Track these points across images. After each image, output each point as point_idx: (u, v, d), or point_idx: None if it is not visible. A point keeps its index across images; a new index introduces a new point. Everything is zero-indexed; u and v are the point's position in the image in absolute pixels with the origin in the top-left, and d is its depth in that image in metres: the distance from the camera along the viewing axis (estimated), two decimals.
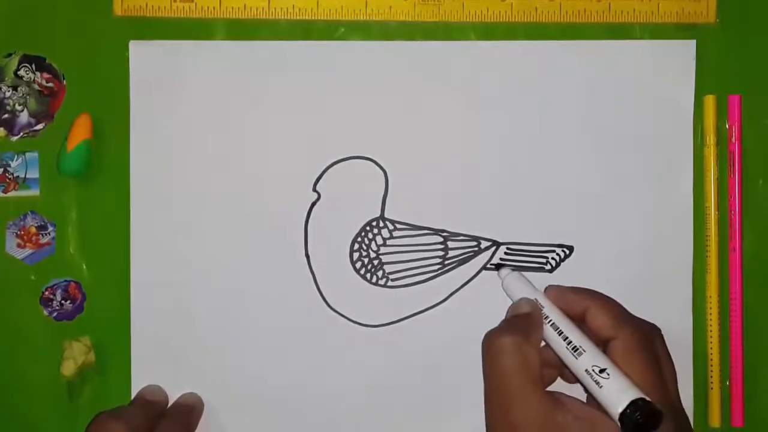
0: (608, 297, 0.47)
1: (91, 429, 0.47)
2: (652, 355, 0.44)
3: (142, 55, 0.52)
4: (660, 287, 0.52)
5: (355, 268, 0.52)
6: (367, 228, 0.52)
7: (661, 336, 0.47)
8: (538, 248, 0.52)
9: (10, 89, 0.52)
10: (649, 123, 0.52)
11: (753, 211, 0.53)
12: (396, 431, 0.52)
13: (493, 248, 0.52)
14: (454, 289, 0.52)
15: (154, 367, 0.52)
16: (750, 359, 0.52)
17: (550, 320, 0.46)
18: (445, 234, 0.52)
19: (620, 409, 0.41)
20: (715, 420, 0.52)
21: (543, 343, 0.47)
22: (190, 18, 0.53)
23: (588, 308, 0.46)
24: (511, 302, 0.49)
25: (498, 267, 0.51)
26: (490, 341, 0.45)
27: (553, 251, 0.52)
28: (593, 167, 0.52)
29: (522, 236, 0.52)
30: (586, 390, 0.45)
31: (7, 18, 0.53)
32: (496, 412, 0.44)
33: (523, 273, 0.50)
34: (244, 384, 0.52)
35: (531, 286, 0.49)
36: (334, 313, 0.52)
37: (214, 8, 0.52)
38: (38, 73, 0.53)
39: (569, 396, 0.44)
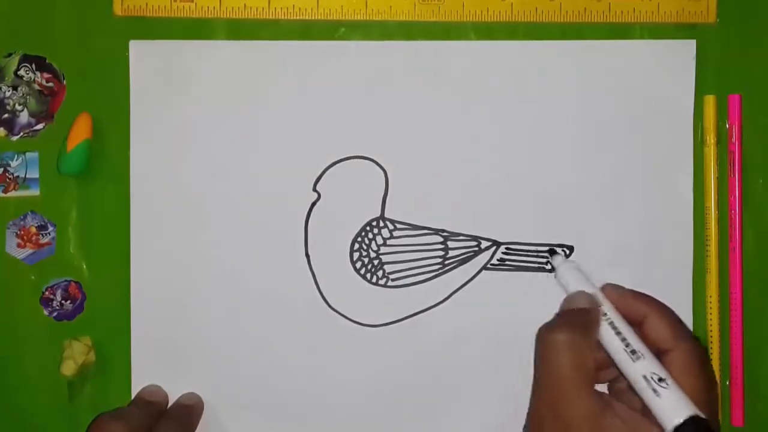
0: (667, 306, 0.46)
1: (91, 430, 0.47)
2: (707, 375, 0.43)
3: (142, 55, 0.52)
4: (660, 287, 0.52)
5: (355, 268, 0.52)
6: (367, 228, 0.52)
7: (710, 359, 0.47)
8: (538, 248, 0.52)
9: (10, 89, 0.52)
10: (649, 123, 0.52)
11: (753, 210, 0.53)
12: (396, 431, 0.52)
13: (493, 248, 0.52)
14: (454, 289, 0.52)
15: (154, 367, 0.52)
16: (750, 359, 0.52)
17: (609, 319, 0.45)
18: (445, 234, 0.52)
19: (677, 422, 0.40)
20: None
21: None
22: (190, 18, 0.53)
23: (647, 315, 0.45)
24: (564, 293, 0.48)
25: (551, 253, 0.49)
26: (546, 336, 0.44)
27: (553, 251, 0.52)
28: (593, 167, 0.52)
29: (522, 236, 0.52)
30: (636, 395, 0.43)
31: (7, 18, 0.53)
32: (543, 406, 0.44)
33: (578, 263, 0.48)
34: (244, 384, 0.52)
35: (587, 280, 0.47)
36: (334, 313, 0.52)
37: (214, 8, 0.52)
38: (38, 73, 0.53)
39: (616, 400, 0.44)
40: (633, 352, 0.43)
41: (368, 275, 0.52)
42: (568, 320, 0.45)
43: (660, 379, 0.42)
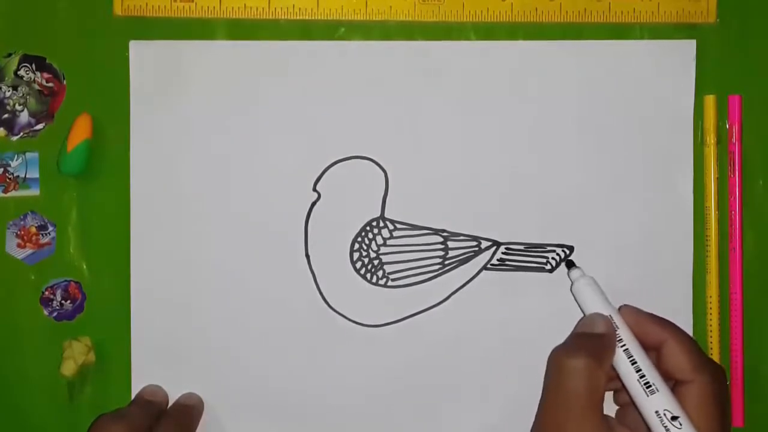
0: (686, 333, 0.45)
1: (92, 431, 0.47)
2: (723, 407, 0.43)
3: (142, 55, 0.52)
4: (660, 287, 0.52)
5: (355, 268, 0.52)
6: (367, 228, 0.52)
7: (726, 379, 0.46)
8: (538, 248, 0.52)
9: (10, 89, 0.52)
10: (649, 123, 0.52)
11: (753, 210, 0.53)
12: (396, 431, 0.52)
13: (494, 248, 0.52)
14: (454, 289, 0.52)
15: (154, 367, 0.52)
16: (750, 359, 0.52)
17: (624, 346, 0.44)
18: (445, 234, 0.52)
19: None
20: None
21: None
22: (190, 18, 0.53)
23: (665, 342, 0.44)
24: (578, 307, 0.48)
25: (569, 265, 0.49)
26: (560, 359, 0.44)
27: (553, 251, 0.52)
28: (593, 167, 0.52)
29: (522, 236, 0.52)
30: (643, 420, 0.43)
31: (7, 18, 0.53)
32: (550, 426, 0.43)
33: (595, 280, 0.48)
34: (244, 384, 0.52)
35: (605, 299, 0.46)
36: (334, 313, 0.52)
37: (214, 8, 0.52)
38: (38, 73, 0.53)
39: (621, 425, 0.44)
40: (647, 385, 0.43)
41: (368, 275, 0.52)
42: (583, 345, 0.44)
43: (673, 418, 0.42)
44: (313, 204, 0.52)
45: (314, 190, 0.52)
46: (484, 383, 0.52)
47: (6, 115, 0.52)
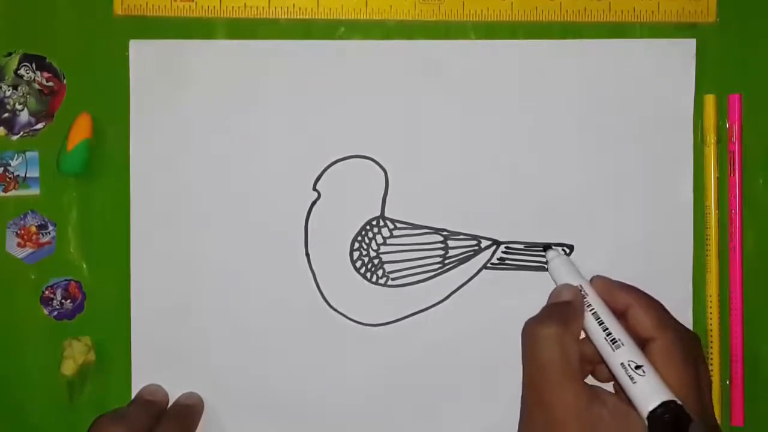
0: (652, 297, 0.47)
1: None
2: (691, 362, 0.44)
3: (142, 54, 0.52)
4: (660, 287, 0.52)
5: (355, 267, 0.52)
6: (367, 227, 0.52)
7: (701, 345, 0.47)
8: (538, 247, 0.52)
9: (11, 88, 0.52)
10: (649, 122, 0.52)
11: (753, 210, 0.53)
12: (396, 431, 0.52)
13: (494, 247, 0.52)
14: (454, 289, 0.52)
15: (154, 367, 0.52)
16: (750, 359, 0.52)
17: (592, 309, 0.46)
18: (445, 233, 0.52)
19: (650, 408, 0.41)
20: None
21: (582, 335, 0.46)
22: (190, 17, 0.53)
23: (631, 305, 0.46)
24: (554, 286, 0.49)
25: (546, 248, 0.51)
26: (529, 330, 0.45)
27: (549, 246, 0.52)
28: (593, 166, 0.52)
29: (522, 235, 0.52)
30: (618, 385, 0.44)
31: (7, 17, 0.53)
32: (533, 400, 0.45)
33: (570, 259, 0.50)
34: (244, 383, 0.52)
35: (577, 273, 0.48)
36: (334, 313, 0.52)
37: (214, 8, 0.52)
38: (38, 73, 0.53)
39: (606, 390, 0.45)
40: (613, 340, 0.44)
41: (368, 274, 0.52)
42: (551, 313, 0.47)
43: (637, 367, 0.43)
44: (313, 203, 0.52)
45: (314, 189, 0.52)
46: (484, 383, 0.52)
47: (6, 115, 0.52)
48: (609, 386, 0.47)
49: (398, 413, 0.52)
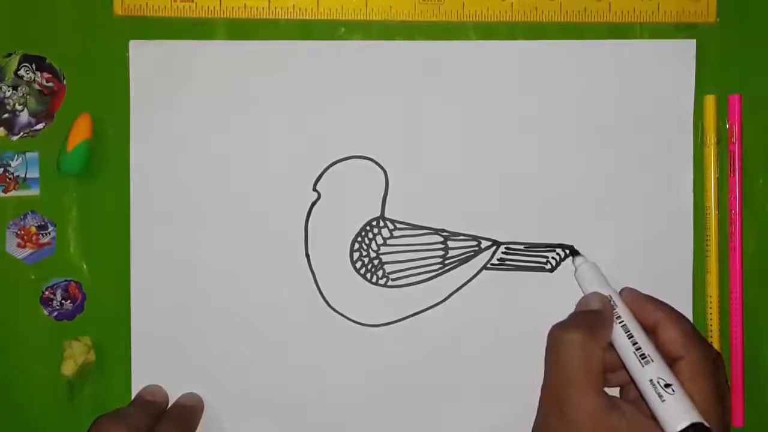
0: (681, 314, 0.47)
1: None
2: (717, 383, 0.44)
3: (142, 55, 0.52)
4: (660, 287, 0.52)
5: (355, 267, 0.52)
6: (368, 227, 0.52)
7: (724, 364, 0.47)
8: (538, 248, 0.52)
9: (11, 89, 0.52)
10: (649, 123, 0.52)
11: (753, 210, 0.53)
12: (396, 431, 0.52)
13: (494, 248, 0.52)
14: (454, 289, 0.52)
15: (154, 367, 0.52)
16: (750, 359, 0.52)
17: (622, 321, 0.46)
18: (445, 234, 0.52)
19: (678, 429, 0.41)
20: None
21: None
22: (190, 18, 0.53)
23: (660, 321, 0.46)
24: (582, 293, 0.49)
25: (573, 254, 0.51)
26: (556, 334, 0.45)
27: (553, 251, 0.52)
28: (593, 167, 0.52)
29: (522, 236, 0.52)
30: (642, 399, 0.44)
31: (7, 18, 0.53)
32: (551, 404, 0.44)
33: (597, 265, 0.50)
34: (244, 384, 0.52)
35: (605, 281, 0.48)
36: (334, 313, 0.52)
37: (214, 8, 0.52)
38: (38, 73, 0.53)
39: (625, 401, 0.44)
40: (643, 356, 0.44)
41: (368, 275, 0.52)
42: (579, 320, 0.46)
43: (666, 385, 0.42)
44: (313, 204, 0.52)
45: (314, 189, 0.52)
46: (484, 383, 0.52)
47: (6, 115, 0.52)
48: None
49: (398, 413, 0.52)
